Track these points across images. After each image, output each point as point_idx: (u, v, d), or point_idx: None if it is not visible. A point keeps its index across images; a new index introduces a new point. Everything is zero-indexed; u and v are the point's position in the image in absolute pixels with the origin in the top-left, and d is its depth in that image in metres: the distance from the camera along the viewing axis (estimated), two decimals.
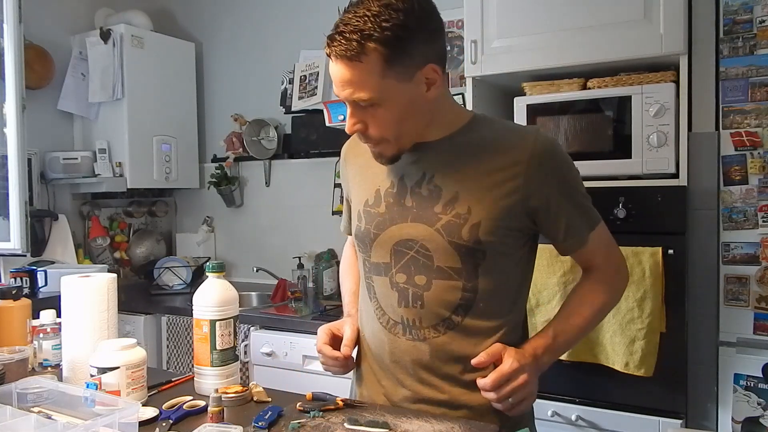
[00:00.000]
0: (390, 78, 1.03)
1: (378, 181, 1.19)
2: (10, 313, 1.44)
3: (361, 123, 1.08)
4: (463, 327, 1.12)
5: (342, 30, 1.00)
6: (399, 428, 1.03)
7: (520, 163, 1.09)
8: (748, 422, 1.79)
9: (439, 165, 1.13)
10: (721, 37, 1.86)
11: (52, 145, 3.09)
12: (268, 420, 1.06)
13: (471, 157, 1.12)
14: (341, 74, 1.03)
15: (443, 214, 1.10)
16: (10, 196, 2.46)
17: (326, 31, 1.06)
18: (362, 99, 1.04)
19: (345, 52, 1.00)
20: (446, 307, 1.12)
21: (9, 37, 2.41)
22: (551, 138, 1.18)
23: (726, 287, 1.84)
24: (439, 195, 1.12)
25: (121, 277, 3.23)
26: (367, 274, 1.21)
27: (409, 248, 1.13)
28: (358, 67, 1.01)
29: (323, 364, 1.27)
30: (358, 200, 1.23)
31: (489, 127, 1.16)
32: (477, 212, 1.09)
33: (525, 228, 1.13)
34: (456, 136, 1.14)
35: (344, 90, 1.05)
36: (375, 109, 1.06)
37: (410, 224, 1.13)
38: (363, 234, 1.19)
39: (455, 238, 1.09)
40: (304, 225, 3.17)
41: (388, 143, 1.11)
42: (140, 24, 3.18)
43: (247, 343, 2.45)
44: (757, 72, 1.81)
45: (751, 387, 1.79)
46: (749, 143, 1.81)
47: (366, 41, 0.99)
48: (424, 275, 1.12)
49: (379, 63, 1.01)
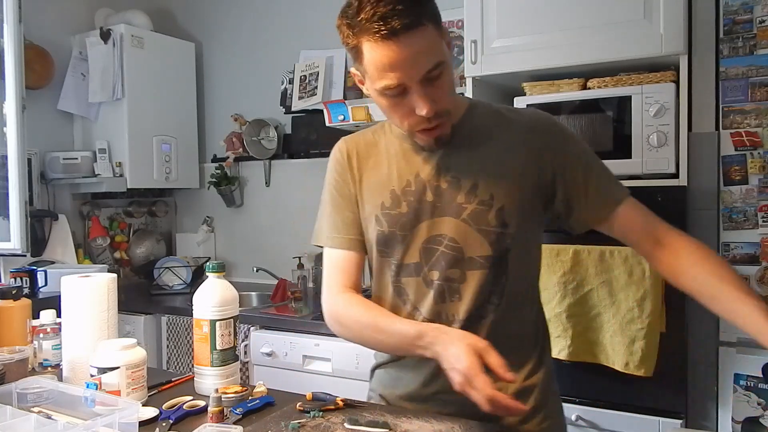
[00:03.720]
0: (442, 38, 1.02)
1: (390, 181, 1.15)
2: (10, 313, 1.44)
3: (434, 100, 1.02)
4: (499, 314, 1.11)
5: (391, 6, 0.95)
6: (399, 428, 1.03)
7: (523, 141, 1.11)
8: (748, 422, 1.79)
9: (452, 155, 1.12)
10: (721, 37, 1.86)
11: (52, 145, 3.09)
12: (251, 407, 1.09)
13: (479, 143, 1.12)
14: (410, 49, 0.97)
15: (467, 203, 1.09)
16: (10, 196, 2.46)
17: (326, 31, 1.05)
18: (438, 63, 0.99)
19: (409, 22, 0.95)
20: (482, 297, 1.10)
21: (9, 37, 2.41)
22: (548, 114, 1.18)
23: None
24: (458, 185, 1.11)
25: (121, 277, 3.23)
26: (395, 278, 1.15)
27: (438, 243, 1.11)
28: (424, 31, 0.97)
29: (488, 406, 0.93)
30: (372, 204, 1.17)
31: (487, 112, 1.16)
32: (499, 197, 1.09)
33: (543, 208, 1.13)
34: (460, 125, 1.13)
35: (417, 65, 0.98)
36: (441, 76, 1.01)
37: (436, 219, 1.11)
38: (387, 237, 1.14)
39: (483, 225, 1.08)
40: (304, 225, 3.15)
41: (449, 116, 1.08)
42: (140, 24, 3.18)
43: (247, 343, 2.45)
44: (757, 72, 1.81)
45: (751, 387, 1.79)
46: (749, 143, 1.81)
47: (416, 6, 0.96)
48: (457, 268, 1.10)
49: (433, 24, 0.99)
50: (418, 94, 1.01)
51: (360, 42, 1.00)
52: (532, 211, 1.12)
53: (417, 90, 1.00)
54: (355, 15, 0.98)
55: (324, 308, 1.20)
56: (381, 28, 0.95)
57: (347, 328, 1.16)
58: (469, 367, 0.93)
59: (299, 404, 1.12)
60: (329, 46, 2.95)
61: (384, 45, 0.96)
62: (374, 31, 0.96)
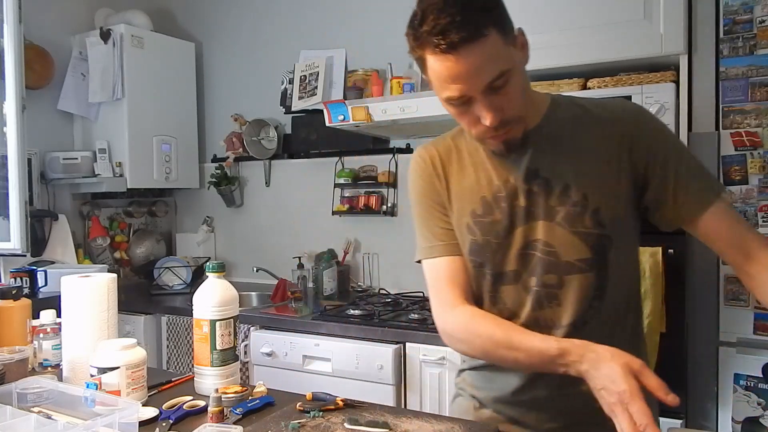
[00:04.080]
0: (508, 44, 0.98)
1: (480, 188, 1.12)
2: (10, 313, 1.44)
3: (500, 109, 0.99)
4: (598, 319, 1.08)
5: (451, 18, 0.92)
6: (399, 428, 1.03)
7: (615, 135, 1.07)
8: (748, 422, 1.79)
9: (539, 157, 1.08)
10: (721, 37, 1.86)
11: (52, 145, 3.09)
12: (251, 407, 1.09)
13: (567, 141, 1.08)
14: (470, 61, 0.94)
15: (560, 206, 1.06)
16: (10, 196, 2.46)
17: (326, 31, 1.04)
18: (501, 73, 0.96)
19: (467, 35, 0.92)
20: (581, 302, 1.07)
21: (9, 37, 2.41)
22: (638, 105, 1.14)
23: (726, 287, 1.84)
24: (550, 188, 1.07)
25: (121, 277, 3.23)
26: (492, 287, 1.12)
27: (533, 249, 1.08)
28: (485, 42, 0.94)
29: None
30: (462, 212, 1.13)
31: (572, 108, 1.12)
32: (594, 198, 1.05)
33: (636, 204, 1.09)
34: (544, 124, 1.10)
35: (479, 77, 0.96)
36: (506, 84, 0.98)
37: (530, 224, 1.08)
38: (481, 246, 1.11)
39: (579, 227, 1.05)
40: (304, 225, 3.17)
41: (518, 122, 1.04)
42: (140, 24, 3.18)
43: (247, 343, 2.45)
44: (757, 72, 1.81)
45: (751, 387, 1.79)
46: (749, 143, 1.81)
47: (478, 16, 0.93)
48: (554, 273, 1.07)
49: (497, 32, 0.95)
50: (482, 104, 0.98)
51: (423, 53, 0.98)
52: (627, 208, 1.08)
53: (481, 100, 0.98)
54: (419, 26, 0.96)
55: (439, 325, 1.12)
56: (440, 41, 0.93)
57: (473, 345, 1.09)
58: (628, 392, 0.86)
59: (299, 404, 1.12)
60: (329, 46, 2.94)
61: (444, 58, 0.95)
62: (434, 44, 0.94)
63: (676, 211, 1.07)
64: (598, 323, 1.08)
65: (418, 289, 2.70)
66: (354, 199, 2.94)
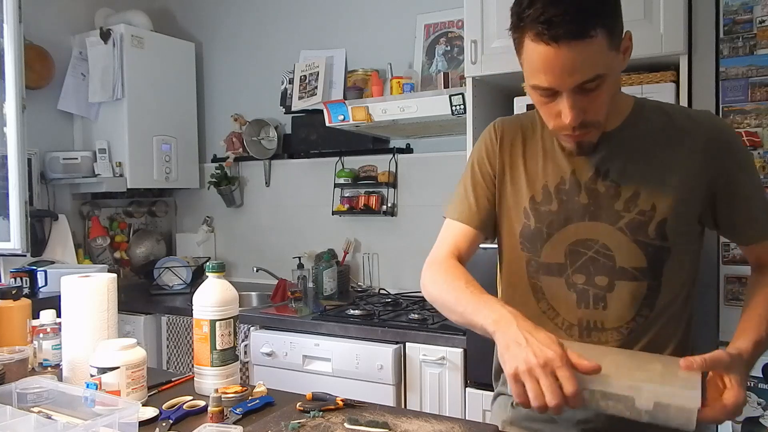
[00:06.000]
0: (612, 50, 0.96)
1: (544, 176, 1.11)
2: (10, 313, 1.44)
3: (583, 111, 0.98)
4: (646, 328, 1.07)
5: (562, 11, 0.90)
6: (399, 428, 1.03)
7: (697, 150, 1.05)
8: (748, 422, 1.79)
9: (613, 159, 1.07)
10: (721, 37, 1.86)
11: (52, 145, 3.09)
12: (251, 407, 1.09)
13: (645, 148, 1.07)
14: (568, 58, 0.92)
15: (626, 211, 1.05)
16: (10, 196, 2.46)
17: (326, 31, 1.04)
18: (596, 76, 0.94)
19: (574, 32, 0.91)
20: (631, 309, 1.06)
21: (9, 37, 2.41)
22: (725, 121, 1.13)
23: (726, 287, 1.84)
24: (617, 192, 1.06)
25: (121, 277, 3.23)
26: (532, 275, 1.13)
27: (587, 248, 1.07)
28: (590, 43, 0.92)
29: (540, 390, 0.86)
30: (521, 195, 1.13)
31: (656, 115, 1.10)
32: (662, 209, 1.04)
33: (703, 220, 1.09)
34: (625, 127, 1.08)
35: (572, 76, 0.94)
36: (598, 88, 0.96)
37: (588, 223, 1.07)
38: (533, 233, 1.11)
39: (641, 236, 1.04)
40: (304, 225, 3.17)
41: (597, 127, 1.02)
42: (140, 24, 3.18)
43: (247, 343, 2.45)
44: (757, 72, 1.81)
45: (751, 387, 1.79)
46: (749, 143, 1.81)
47: (590, 15, 0.91)
48: (606, 276, 1.06)
49: (605, 35, 0.93)
50: (567, 101, 0.97)
51: (523, 35, 0.97)
52: (692, 223, 1.08)
53: (567, 97, 0.97)
54: (527, 7, 0.94)
55: (424, 267, 1.18)
56: (544, 30, 0.92)
57: (436, 302, 1.12)
58: (559, 355, 0.85)
59: (299, 404, 1.12)
60: (329, 46, 2.95)
61: (543, 47, 0.93)
62: (537, 32, 0.93)
63: (734, 234, 1.11)
64: (645, 330, 1.07)
65: (418, 289, 2.70)
66: (354, 199, 2.94)
